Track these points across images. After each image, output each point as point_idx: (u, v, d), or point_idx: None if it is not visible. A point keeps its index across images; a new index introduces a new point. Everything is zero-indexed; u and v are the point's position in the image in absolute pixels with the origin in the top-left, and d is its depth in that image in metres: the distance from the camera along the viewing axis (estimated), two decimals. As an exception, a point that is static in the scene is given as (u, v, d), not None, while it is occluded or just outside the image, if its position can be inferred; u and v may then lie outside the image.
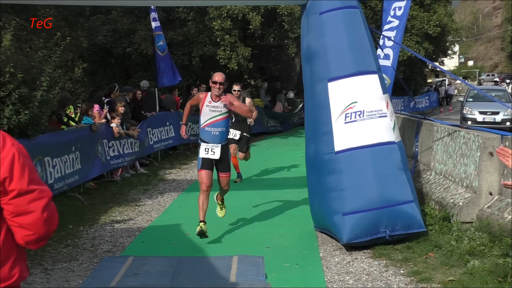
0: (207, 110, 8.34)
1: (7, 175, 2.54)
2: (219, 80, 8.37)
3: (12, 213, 2.58)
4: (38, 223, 2.62)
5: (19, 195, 2.56)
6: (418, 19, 30.65)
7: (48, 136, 10.39)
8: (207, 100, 8.40)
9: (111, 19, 22.43)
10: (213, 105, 8.36)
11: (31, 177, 2.60)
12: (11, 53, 9.75)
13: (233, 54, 22.39)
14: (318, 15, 8.43)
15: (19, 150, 2.61)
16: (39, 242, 2.69)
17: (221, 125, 8.37)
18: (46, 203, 2.65)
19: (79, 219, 9.86)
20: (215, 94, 8.38)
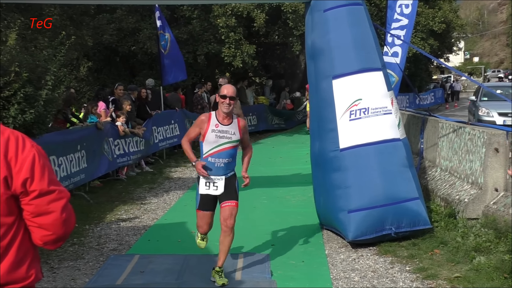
0: (212, 137, 6.52)
1: (28, 175, 2.56)
2: (229, 94, 6.49)
3: (32, 214, 2.61)
4: (57, 223, 2.65)
5: (40, 195, 2.59)
6: (423, 16, 30.58)
7: (53, 135, 10.41)
8: (213, 123, 6.55)
9: (116, 18, 22.44)
10: (220, 130, 6.53)
11: (51, 178, 2.64)
12: (16, 52, 9.77)
13: (237, 52, 22.38)
14: (323, 13, 8.42)
15: (38, 151, 2.65)
16: (57, 242, 2.73)
17: (228, 156, 6.60)
18: (65, 203, 2.69)
19: (85, 218, 9.88)
20: (223, 111, 6.50)
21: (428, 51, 30.03)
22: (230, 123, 6.57)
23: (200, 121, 6.63)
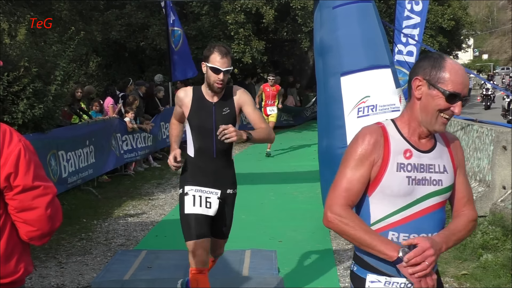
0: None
1: (12, 170, 2.54)
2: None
3: (16, 209, 2.59)
4: (42, 219, 2.63)
5: (23, 190, 2.56)
6: (432, 13, 30.46)
7: (62, 130, 10.45)
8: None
9: (125, 13, 22.49)
10: None
11: (36, 173, 2.61)
12: (26, 48, 9.81)
13: (247, 48, 22.39)
14: (331, 9, 8.40)
15: (25, 146, 2.61)
16: (42, 238, 2.70)
17: None
18: (51, 199, 2.65)
19: (93, 213, 9.93)
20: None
21: (437, 48, 29.94)
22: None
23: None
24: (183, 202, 5.00)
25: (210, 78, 4.82)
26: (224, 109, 4.93)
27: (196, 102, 4.96)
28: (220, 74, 4.80)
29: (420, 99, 2.84)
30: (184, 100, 5.01)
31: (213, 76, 4.80)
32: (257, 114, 5.11)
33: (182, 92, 5.08)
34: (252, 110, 5.07)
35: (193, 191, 4.99)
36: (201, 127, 4.92)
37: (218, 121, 4.83)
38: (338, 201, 2.91)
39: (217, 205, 4.99)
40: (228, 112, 4.94)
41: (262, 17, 22.48)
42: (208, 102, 4.95)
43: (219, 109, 4.93)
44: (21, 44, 9.62)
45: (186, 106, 4.98)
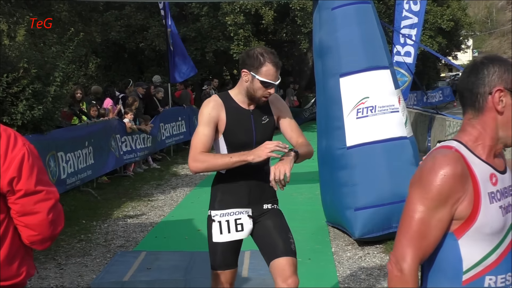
0: None
1: (15, 174, 2.54)
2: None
3: (18, 213, 2.59)
4: (43, 224, 2.63)
5: (25, 195, 2.56)
6: (431, 14, 30.50)
7: (61, 131, 10.45)
8: None
9: (125, 14, 22.51)
10: None
11: (39, 178, 2.61)
12: (25, 49, 9.82)
13: (246, 49, 22.40)
14: (330, 10, 8.41)
15: (29, 150, 2.61)
16: (44, 243, 2.70)
17: None
18: (53, 204, 2.66)
19: (92, 214, 9.92)
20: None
21: (436, 49, 29.97)
22: None
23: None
24: (210, 229, 4.50)
25: (256, 91, 4.09)
26: (263, 118, 4.25)
27: (231, 113, 4.16)
28: (272, 88, 4.14)
29: (503, 113, 2.38)
30: (220, 114, 4.14)
31: (262, 90, 4.09)
32: (295, 125, 4.47)
33: (211, 105, 4.15)
34: (289, 121, 4.43)
35: (218, 216, 4.40)
36: (239, 142, 4.14)
37: (258, 133, 4.21)
38: (410, 252, 2.36)
39: (251, 224, 4.32)
40: (267, 121, 4.28)
41: (262, 18, 22.50)
42: (244, 110, 4.21)
43: (257, 118, 4.23)
44: (20, 45, 9.64)
45: (222, 119, 4.13)
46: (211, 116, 4.10)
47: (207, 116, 4.10)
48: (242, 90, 4.19)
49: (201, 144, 4.06)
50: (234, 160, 3.98)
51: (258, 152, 3.95)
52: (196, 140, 4.09)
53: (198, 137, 4.10)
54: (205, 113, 4.12)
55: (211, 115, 4.10)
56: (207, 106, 4.16)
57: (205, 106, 4.17)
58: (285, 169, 3.96)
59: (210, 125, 4.10)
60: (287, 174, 3.94)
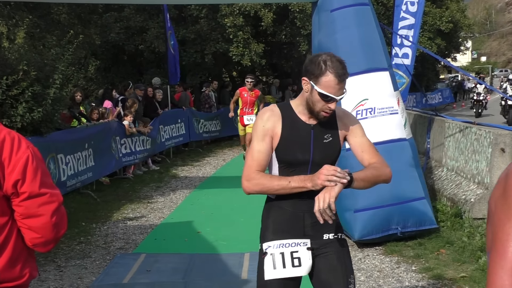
0: None
1: (19, 177, 2.56)
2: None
3: (22, 215, 2.61)
4: (46, 226, 2.64)
5: (29, 197, 2.58)
6: (430, 15, 30.53)
7: (61, 133, 10.45)
8: None
9: (124, 16, 22.52)
10: None
11: (43, 181, 2.62)
12: (25, 51, 9.83)
13: (246, 51, 22.41)
14: (329, 12, 8.43)
15: (33, 153, 2.63)
16: (46, 245, 2.72)
17: None
18: (56, 207, 2.67)
19: (92, 216, 9.93)
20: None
21: (435, 50, 29.97)
22: None
23: None
24: (262, 265, 3.76)
25: (315, 104, 3.49)
26: (326, 136, 3.62)
27: (288, 127, 3.58)
28: (333, 103, 3.48)
29: None
30: (275, 126, 3.58)
31: (321, 104, 3.48)
32: (367, 145, 3.81)
33: (266, 116, 3.62)
34: (361, 139, 3.79)
35: (272, 247, 3.68)
36: (293, 160, 3.58)
37: (317, 152, 3.58)
38: None
39: (310, 259, 3.58)
40: (330, 141, 3.63)
41: (261, 20, 22.51)
42: (304, 124, 3.59)
43: (319, 134, 3.60)
44: (20, 47, 9.64)
45: (276, 133, 3.57)
46: (266, 129, 3.56)
47: (261, 129, 3.57)
48: (303, 101, 3.58)
49: (256, 162, 3.54)
50: (292, 186, 3.42)
51: (315, 179, 3.34)
52: (249, 157, 3.58)
53: (251, 154, 3.57)
54: (259, 126, 3.58)
55: (265, 127, 3.56)
56: (262, 117, 3.62)
57: (260, 117, 3.63)
58: (329, 198, 3.25)
59: (265, 139, 3.55)
60: (331, 202, 3.25)
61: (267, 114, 3.60)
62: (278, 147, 3.56)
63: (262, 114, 3.63)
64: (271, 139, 3.55)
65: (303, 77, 3.55)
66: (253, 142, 3.60)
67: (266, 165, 3.60)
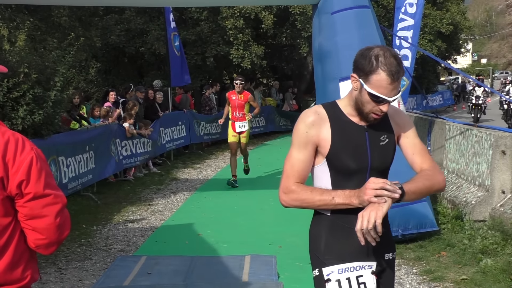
0: None
1: (24, 178, 2.56)
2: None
3: (26, 216, 2.61)
4: (50, 227, 2.65)
5: (34, 198, 2.59)
6: (430, 17, 30.55)
7: (62, 135, 10.46)
8: None
9: (124, 18, 22.54)
10: None
11: (47, 182, 2.63)
12: (25, 53, 9.84)
13: (246, 53, 22.43)
14: (330, 15, 8.44)
15: (37, 154, 2.64)
16: (49, 247, 2.72)
17: None
18: (60, 208, 2.67)
19: (93, 219, 9.93)
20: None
21: (435, 53, 29.99)
22: None
23: None
24: None
25: (365, 105, 3.06)
26: (382, 137, 3.20)
27: (338, 130, 3.13)
28: (385, 105, 3.05)
29: None
30: (321, 131, 3.13)
31: (371, 105, 3.05)
32: (419, 146, 3.44)
33: (310, 120, 3.14)
34: (413, 140, 3.41)
35: (336, 273, 3.21)
36: (349, 168, 3.11)
37: (375, 157, 3.16)
38: None
39: (374, 283, 3.15)
40: (387, 142, 3.22)
41: (261, 22, 22.53)
42: (356, 127, 3.15)
43: (374, 136, 3.17)
44: (21, 50, 9.65)
45: (324, 138, 3.11)
46: (310, 136, 3.12)
47: (303, 135, 3.13)
48: (351, 100, 3.16)
49: (295, 173, 3.19)
50: (336, 202, 3.04)
51: (361, 195, 2.93)
52: (288, 166, 3.20)
53: (291, 163, 3.19)
54: (301, 131, 3.14)
55: (309, 134, 3.12)
56: (304, 120, 3.15)
57: (301, 120, 3.17)
58: (375, 217, 2.85)
59: (307, 148, 3.14)
60: (378, 222, 2.84)
61: (311, 117, 3.14)
62: (330, 155, 3.11)
63: (305, 117, 3.16)
64: (315, 147, 3.13)
65: (352, 73, 3.11)
66: (292, 149, 3.20)
67: (306, 176, 3.22)
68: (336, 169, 3.13)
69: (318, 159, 3.18)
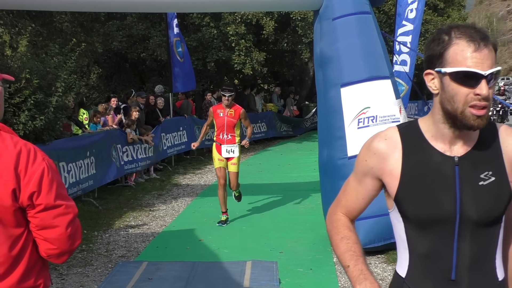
0: None
1: (35, 189, 2.58)
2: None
3: (38, 226, 2.63)
4: (61, 238, 2.66)
5: (45, 209, 2.60)
6: (432, 24, 30.56)
7: (63, 141, 10.47)
8: None
9: (126, 24, 22.55)
10: None
11: (59, 192, 2.65)
12: (27, 59, 9.85)
13: (247, 59, 22.44)
14: (331, 21, 8.45)
15: (49, 165, 2.65)
16: (61, 256, 2.74)
17: None
18: (71, 219, 2.69)
19: (94, 224, 9.93)
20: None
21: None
22: None
23: None
24: None
25: (455, 100, 2.20)
26: (484, 175, 2.26)
27: (414, 161, 2.31)
28: (481, 84, 2.16)
29: None
30: (387, 163, 2.38)
31: (463, 93, 2.18)
32: None
33: (375, 146, 2.41)
34: None
35: None
36: (427, 217, 2.27)
37: (468, 203, 2.25)
38: None
39: None
40: (490, 181, 2.25)
41: (263, 28, 22.54)
42: (442, 157, 2.29)
43: (469, 172, 2.27)
44: (23, 55, 9.66)
45: (390, 173, 2.36)
46: (368, 166, 2.45)
47: (362, 164, 2.48)
48: (436, 114, 2.30)
49: (344, 202, 2.63)
50: (348, 274, 2.48)
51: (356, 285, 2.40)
52: (343, 189, 2.64)
53: (346, 188, 2.61)
54: (361, 158, 2.49)
55: (368, 163, 2.44)
56: (369, 145, 2.45)
57: (366, 145, 2.48)
58: None
59: (364, 181, 2.49)
60: None
61: (376, 142, 2.42)
62: (398, 195, 2.35)
63: (371, 140, 2.45)
64: (377, 182, 2.46)
65: (425, 72, 2.33)
66: (351, 174, 2.58)
67: (356, 212, 2.64)
68: (408, 217, 2.34)
69: (389, 201, 2.46)
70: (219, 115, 9.83)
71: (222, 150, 9.81)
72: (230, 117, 9.80)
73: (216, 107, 10.01)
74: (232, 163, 9.87)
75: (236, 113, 9.84)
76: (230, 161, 9.86)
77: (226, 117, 9.80)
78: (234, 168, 9.89)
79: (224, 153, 9.80)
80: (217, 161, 9.92)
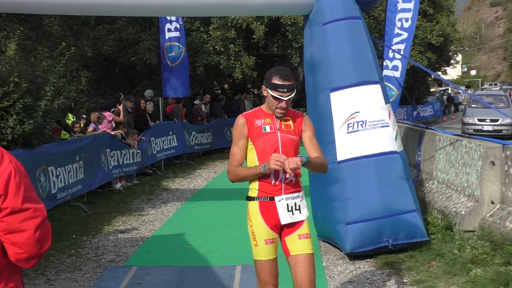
0: None
1: (1, 192, 2.54)
2: None
3: (5, 231, 2.59)
4: (29, 242, 2.62)
5: (12, 213, 2.56)
6: (421, 29, 30.71)
7: (52, 145, 10.42)
8: None
9: (116, 28, 22.52)
10: None
11: (26, 195, 2.60)
12: (16, 63, 9.81)
13: (237, 63, 22.46)
14: (321, 26, 8.47)
15: (16, 168, 2.61)
16: (30, 260, 2.69)
17: None
18: (40, 222, 2.64)
19: (83, 229, 9.89)
20: None
21: (425, 64, 30.16)
22: None
23: None
24: None
25: None
26: None
27: None
28: None
29: None
30: None
31: None
32: None
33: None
34: None
35: None
36: None
37: None
38: None
39: None
40: None
41: (253, 33, 22.57)
42: None
43: None
44: (11, 59, 9.61)
45: None
46: None
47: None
48: None
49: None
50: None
51: None
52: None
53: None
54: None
55: None
56: None
57: None
58: None
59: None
60: None
61: None
62: None
63: None
64: None
65: None
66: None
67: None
68: None
69: None
70: (262, 129, 4.71)
71: (279, 209, 5.00)
72: (288, 132, 4.83)
73: (253, 115, 4.74)
74: (301, 235, 4.94)
75: (298, 124, 4.94)
76: (295, 232, 4.97)
77: (279, 131, 4.78)
78: (307, 246, 4.94)
79: (284, 214, 4.97)
80: (262, 242, 5.29)
